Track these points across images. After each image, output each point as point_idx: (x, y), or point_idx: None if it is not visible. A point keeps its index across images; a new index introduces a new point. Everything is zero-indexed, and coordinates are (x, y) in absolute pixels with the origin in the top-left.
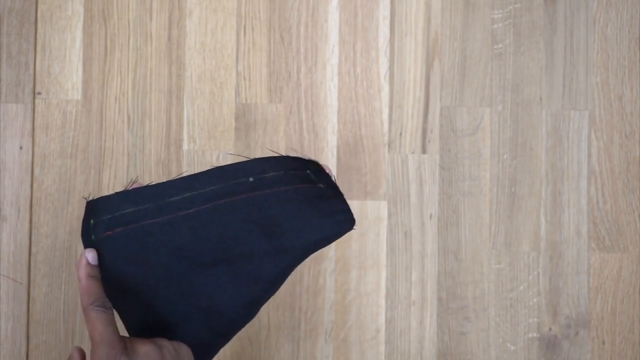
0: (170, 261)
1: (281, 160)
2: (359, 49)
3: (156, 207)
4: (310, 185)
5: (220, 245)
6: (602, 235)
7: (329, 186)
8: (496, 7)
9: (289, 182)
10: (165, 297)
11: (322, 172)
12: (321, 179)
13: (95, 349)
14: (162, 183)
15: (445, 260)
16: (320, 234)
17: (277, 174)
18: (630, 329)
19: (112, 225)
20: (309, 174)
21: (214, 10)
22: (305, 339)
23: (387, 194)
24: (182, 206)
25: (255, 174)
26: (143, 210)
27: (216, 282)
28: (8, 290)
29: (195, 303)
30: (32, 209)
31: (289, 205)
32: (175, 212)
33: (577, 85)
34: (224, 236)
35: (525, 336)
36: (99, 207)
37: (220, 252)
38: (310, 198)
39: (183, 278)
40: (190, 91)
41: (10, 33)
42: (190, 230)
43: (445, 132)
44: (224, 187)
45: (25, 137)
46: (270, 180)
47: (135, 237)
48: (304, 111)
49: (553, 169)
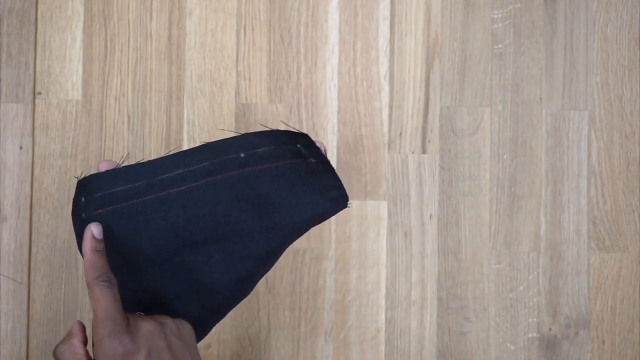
0: (162, 239)
1: (272, 135)
2: (359, 49)
3: (147, 185)
4: (301, 160)
5: (212, 222)
6: (602, 235)
7: (320, 161)
8: (496, 7)
9: (280, 158)
10: (156, 275)
11: (312, 147)
12: (312, 154)
13: (98, 325)
14: (154, 160)
15: (445, 260)
16: (312, 211)
17: (268, 148)
18: (630, 329)
19: (104, 203)
20: (300, 148)
21: (214, 10)
22: (305, 339)
23: (387, 194)
24: (173, 183)
25: (246, 149)
26: (134, 187)
27: (207, 260)
28: (8, 290)
29: (187, 280)
30: (32, 209)
31: (281, 182)
32: (167, 190)
33: (577, 85)
34: (215, 214)
35: (525, 336)
36: (91, 185)
37: (211, 230)
38: (302, 174)
39: (174, 255)
40: (190, 91)
41: (10, 33)
42: (182, 207)
43: (445, 132)
44: (215, 163)
45: (25, 137)
46: (261, 155)
47: (127, 215)
48: (304, 111)
49: (553, 169)
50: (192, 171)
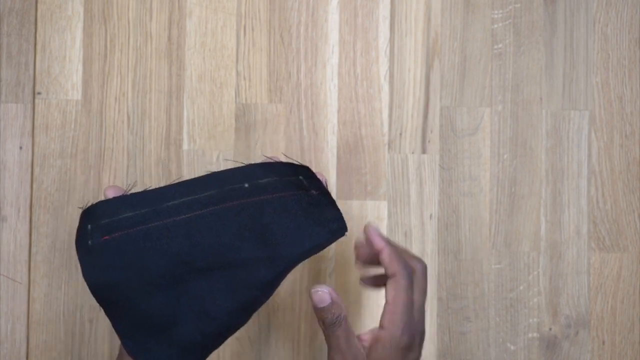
0: (167, 265)
1: (275, 166)
2: (359, 49)
3: (154, 212)
4: (303, 192)
5: (215, 250)
6: (602, 235)
7: (321, 193)
8: (496, 7)
9: (282, 189)
10: (159, 300)
11: (314, 178)
12: (313, 185)
13: None
14: (160, 188)
15: (445, 260)
16: (313, 242)
17: (271, 179)
18: (630, 329)
19: (111, 229)
20: (302, 180)
21: (214, 10)
22: (305, 339)
23: (387, 194)
24: (179, 211)
25: (250, 180)
26: (141, 214)
27: (209, 287)
28: (8, 290)
29: (189, 306)
30: (32, 209)
31: (283, 213)
32: (173, 217)
33: (577, 85)
34: (219, 242)
35: (525, 336)
36: (97, 212)
37: (215, 258)
38: (304, 205)
39: (178, 282)
40: (190, 91)
41: (10, 33)
42: (187, 235)
43: (445, 132)
44: (220, 192)
45: (25, 137)
46: (264, 186)
47: (133, 242)
48: (304, 111)
49: (553, 169)
50: (198, 199)
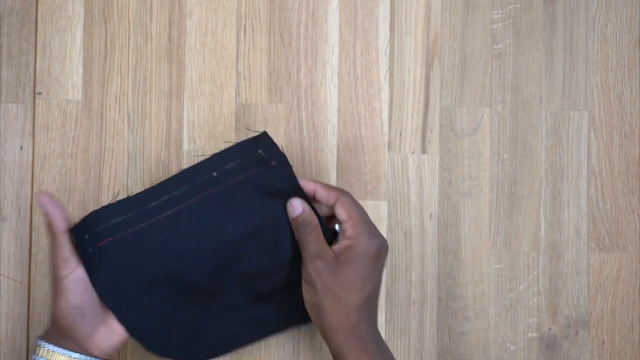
0: (160, 261)
1: (235, 149)
2: (359, 49)
3: (139, 214)
4: (264, 167)
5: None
6: (602, 235)
7: (278, 162)
8: (496, 7)
9: (245, 169)
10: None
11: (270, 144)
12: (272, 154)
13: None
14: (143, 191)
15: (445, 260)
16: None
17: (235, 163)
18: (630, 329)
19: (104, 235)
20: (261, 154)
21: (214, 11)
22: (306, 339)
23: (387, 194)
24: (161, 209)
25: (217, 168)
26: (128, 218)
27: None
28: (8, 290)
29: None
30: (32, 209)
31: (251, 191)
32: (157, 216)
33: (577, 85)
34: (204, 230)
35: (525, 336)
36: (90, 222)
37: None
38: (265, 180)
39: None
40: (190, 91)
41: (10, 33)
42: (173, 229)
43: (445, 132)
44: (194, 186)
45: (25, 137)
46: (230, 171)
47: (125, 244)
48: (304, 111)
49: (553, 169)
50: (176, 196)
